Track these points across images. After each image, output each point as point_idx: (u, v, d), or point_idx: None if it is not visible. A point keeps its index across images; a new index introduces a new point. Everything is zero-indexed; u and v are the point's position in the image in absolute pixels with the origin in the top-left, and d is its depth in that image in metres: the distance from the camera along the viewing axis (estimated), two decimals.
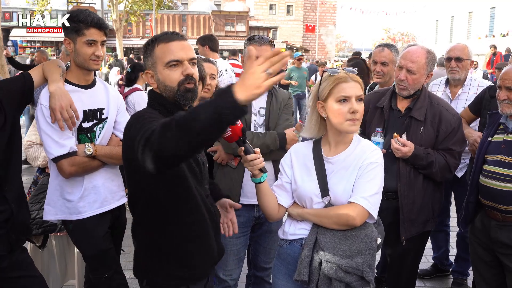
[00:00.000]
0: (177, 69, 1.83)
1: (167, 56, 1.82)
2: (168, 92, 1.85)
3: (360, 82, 1.97)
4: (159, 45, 1.85)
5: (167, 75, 1.83)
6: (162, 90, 1.87)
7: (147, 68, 1.89)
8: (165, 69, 1.83)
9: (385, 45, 3.64)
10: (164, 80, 1.84)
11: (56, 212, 2.50)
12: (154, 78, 1.87)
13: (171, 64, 1.82)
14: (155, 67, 1.85)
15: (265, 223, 2.83)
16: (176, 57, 1.82)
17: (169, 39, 1.84)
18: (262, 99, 2.78)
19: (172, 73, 1.83)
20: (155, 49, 1.85)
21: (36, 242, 3.06)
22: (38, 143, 3.11)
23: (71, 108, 2.32)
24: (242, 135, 1.86)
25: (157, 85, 1.87)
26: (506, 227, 2.50)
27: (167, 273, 1.88)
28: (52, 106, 2.29)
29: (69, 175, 2.40)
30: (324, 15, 47.94)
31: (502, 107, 2.53)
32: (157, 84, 1.87)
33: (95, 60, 2.43)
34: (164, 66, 1.83)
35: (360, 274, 1.91)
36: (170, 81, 1.83)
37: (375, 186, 1.95)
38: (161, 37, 1.86)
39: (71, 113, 2.32)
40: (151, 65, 1.87)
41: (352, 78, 1.94)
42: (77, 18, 2.37)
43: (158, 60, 1.84)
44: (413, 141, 2.65)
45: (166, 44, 1.84)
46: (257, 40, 2.67)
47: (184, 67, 1.83)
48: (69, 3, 29.23)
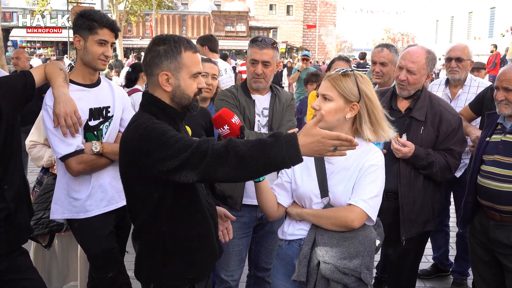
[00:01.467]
0: (196, 80, 1.88)
1: (195, 67, 1.86)
2: (184, 100, 1.86)
3: (336, 82, 1.94)
4: (186, 52, 1.83)
5: (190, 84, 1.85)
6: (177, 96, 1.85)
7: (164, 68, 1.82)
8: (190, 78, 1.85)
9: (384, 45, 3.64)
10: (185, 88, 1.85)
11: (63, 211, 2.52)
12: (170, 82, 1.83)
13: (196, 75, 1.87)
14: (178, 72, 1.82)
15: (267, 223, 2.84)
16: (200, 70, 1.89)
17: (195, 49, 1.87)
18: (266, 99, 2.79)
19: (194, 84, 1.87)
20: (183, 54, 1.82)
21: (42, 241, 3.07)
22: (42, 143, 3.12)
23: (75, 115, 2.34)
24: (240, 133, 1.89)
25: (172, 89, 1.84)
26: (504, 227, 2.51)
27: (175, 275, 1.89)
28: (56, 111, 2.31)
29: (77, 173, 2.42)
30: (324, 15, 47.94)
31: (499, 107, 2.55)
32: (173, 88, 1.84)
33: (103, 60, 2.46)
34: (190, 75, 1.85)
35: (358, 275, 1.91)
36: (190, 91, 1.86)
37: (375, 189, 1.95)
38: (187, 44, 1.85)
39: (75, 120, 2.34)
40: (173, 69, 1.82)
41: (328, 77, 1.98)
42: (91, 16, 2.40)
43: (184, 67, 1.83)
44: (414, 141, 2.66)
45: (194, 54, 1.86)
46: (258, 44, 2.67)
47: (199, 80, 1.89)
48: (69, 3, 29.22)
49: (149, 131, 1.70)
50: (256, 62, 2.67)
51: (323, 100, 1.96)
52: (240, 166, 1.55)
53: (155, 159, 1.66)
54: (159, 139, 1.66)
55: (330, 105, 1.94)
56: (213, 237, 1.98)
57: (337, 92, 1.93)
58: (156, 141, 1.67)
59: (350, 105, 1.95)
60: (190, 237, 1.88)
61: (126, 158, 1.79)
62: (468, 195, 2.67)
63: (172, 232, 1.85)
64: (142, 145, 1.70)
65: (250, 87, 2.78)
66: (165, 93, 1.84)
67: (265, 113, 2.78)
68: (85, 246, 2.63)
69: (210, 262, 1.99)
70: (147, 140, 1.69)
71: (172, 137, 1.66)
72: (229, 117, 1.91)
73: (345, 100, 1.94)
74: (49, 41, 37.92)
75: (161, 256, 1.87)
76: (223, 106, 2.66)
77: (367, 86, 1.97)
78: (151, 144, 1.67)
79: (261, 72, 2.66)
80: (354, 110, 1.96)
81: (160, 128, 1.71)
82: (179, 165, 1.62)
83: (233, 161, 1.55)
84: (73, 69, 2.56)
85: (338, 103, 1.94)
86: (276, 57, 2.70)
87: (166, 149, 1.64)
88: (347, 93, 1.93)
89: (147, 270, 1.91)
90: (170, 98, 1.85)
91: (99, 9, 23.30)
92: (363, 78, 1.98)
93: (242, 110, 2.72)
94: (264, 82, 2.70)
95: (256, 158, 1.54)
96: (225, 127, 1.90)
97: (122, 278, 2.62)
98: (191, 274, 1.91)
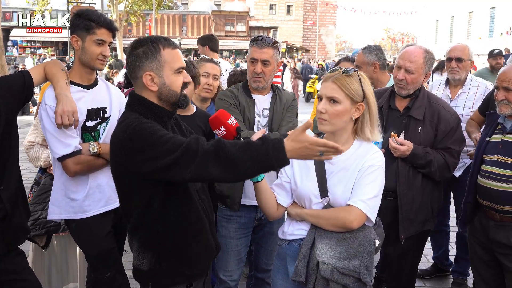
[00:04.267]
0: (180, 75, 1.89)
1: (176, 62, 1.87)
2: (171, 97, 1.88)
3: (342, 83, 1.91)
4: (165, 49, 1.85)
5: (174, 80, 1.87)
6: (164, 94, 1.87)
7: (146, 69, 1.84)
8: (173, 74, 1.87)
9: (362, 48, 3.74)
10: (170, 84, 1.86)
11: (61, 211, 2.52)
12: (155, 81, 1.85)
13: (180, 71, 1.88)
14: (161, 70, 1.84)
15: (266, 224, 2.83)
16: (183, 65, 1.90)
17: (173, 45, 1.88)
18: (266, 100, 2.78)
19: (179, 79, 1.89)
20: (162, 52, 1.84)
21: (39, 242, 3.07)
22: (40, 143, 3.11)
23: (73, 116, 2.34)
24: (236, 135, 1.89)
25: (158, 88, 1.86)
26: (504, 227, 2.51)
27: (172, 273, 1.90)
28: (56, 110, 2.32)
29: (74, 173, 2.43)
30: (324, 15, 47.94)
31: (500, 107, 2.54)
32: (159, 87, 1.86)
33: (101, 60, 2.46)
34: (173, 71, 1.86)
35: (357, 276, 1.91)
36: (176, 87, 1.88)
37: (375, 189, 1.94)
38: (165, 42, 1.86)
39: (72, 121, 2.34)
40: (155, 68, 1.84)
41: (332, 77, 1.94)
42: (89, 16, 2.40)
43: (166, 64, 1.84)
44: (412, 140, 2.66)
45: (173, 50, 1.87)
46: (258, 43, 2.67)
47: (184, 74, 1.92)
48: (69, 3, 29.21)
49: (138, 131, 1.73)
50: (256, 61, 2.66)
51: (329, 102, 1.93)
52: (228, 166, 1.61)
53: (145, 159, 1.68)
54: (149, 139, 1.69)
55: (338, 107, 1.91)
56: (207, 233, 1.99)
57: (344, 94, 1.91)
58: (145, 140, 1.70)
59: (356, 105, 1.94)
60: (184, 234, 1.89)
61: (117, 158, 1.82)
62: (468, 195, 2.67)
63: (165, 230, 1.86)
64: (132, 145, 1.72)
65: (250, 87, 2.77)
66: (152, 93, 1.86)
67: (266, 113, 2.77)
68: (83, 246, 2.63)
69: (206, 259, 2.00)
70: (136, 140, 1.71)
71: (162, 137, 1.69)
72: (225, 118, 1.91)
73: (351, 101, 1.92)
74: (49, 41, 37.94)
75: (157, 254, 1.88)
76: (223, 106, 2.66)
77: (368, 86, 1.96)
78: (141, 143, 1.70)
79: (260, 71, 2.65)
80: (359, 110, 1.95)
81: (150, 127, 1.73)
82: (169, 164, 1.65)
83: (223, 161, 1.60)
84: (70, 69, 2.55)
85: (345, 104, 1.92)
86: (276, 56, 2.69)
87: (156, 148, 1.67)
88: (354, 94, 1.91)
89: (144, 269, 1.92)
90: (157, 97, 1.87)
91: (99, 9, 23.29)
92: (364, 78, 1.98)
93: (242, 110, 2.71)
94: (263, 81, 2.69)
95: (243, 159, 1.59)
96: (221, 129, 1.91)
97: (120, 278, 2.61)
98: (187, 271, 1.92)
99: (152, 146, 1.68)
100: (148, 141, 1.69)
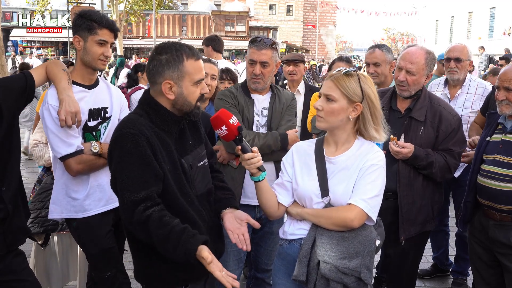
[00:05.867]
0: (199, 87, 1.90)
1: (197, 74, 1.88)
2: (185, 107, 1.89)
3: (339, 81, 1.93)
4: (189, 60, 1.85)
5: (192, 92, 1.89)
6: (179, 103, 1.88)
7: (166, 78, 1.84)
8: (193, 85, 1.88)
9: (376, 46, 3.67)
10: (187, 95, 1.88)
11: (62, 210, 2.54)
12: (173, 90, 1.86)
13: (199, 83, 1.89)
14: (181, 80, 1.85)
15: (266, 224, 2.82)
16: (203, 77, 1.91)
17: (197, 56, 1.88)
18: (265, 99, 2.79)
19: (197, 90, 1.90)
20: (185, 63, 1.84)
21: (38, 240, 3.08)
22: (44, 142, 3.13)
23: (77, 117, 2.36)
24: (238, 134, 1.89)
25: (175, 97, 1.87)
26: (504, 227, 2.51)
27: (169, 276, 1.91)
28: (59, 110, 2.33)
29: (76, 173, 2.45)
30: (324, 15, 47.91)
31: (500, 107, 2.55)
32: (176, 96, 1.87)
33: (103, 60, 2.48)
34: (193, 82, 1.87)
35: (358, 275, 1.91)
36: (193, 98, 1.90)
37: (376, 189, 1.95)
38: (189, 52, 1.86)
39: (75, 121, 2.36)
40: (176, 77, 1.84)
41: (331, 77, 1.97)
42: (91, 17, 2.42)
43: (187, 75, 1.85)
44: (413, 141, 2.66)
45: (196, 62, 1.88)
46: (257, 44, 2.68)
47: (202, 85, 1.92)
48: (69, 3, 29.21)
49: (121, 139, 1.79)
50: (254, 63, 2.67)
51: (325, 100, 1.96)
52: (158, 244, 1.75)
53: (113, 169, 1.81)
54: (123, 156, 1.78)
55: (333, 105, 1.93)
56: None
57: (340, 92, 1.93)
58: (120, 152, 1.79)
59: (353, 105, 1.94)
60: None
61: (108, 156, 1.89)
62: (468, 194, 2.67)
63: None
64: (111, 148, 1.82)
65: (249, 87, 2.78)
66: (167, 100, 1.88)
67: (265, 113, 2.77)
68: (83, 245, 2.64)
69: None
70: (115, 146, 1.80)
71: (133, 165, 1.77)
72: (227, 118, 1.91)
73: (348, 100, 1.93)
74: (49, 41, 37.92)
75: (153, 258, 1.88)
76: (222, 105, 2.67)
77: (369, 86, 1.97)
78: (116, 152, 1.80)
79: (259, 73, 2.66)
80: (357, 111, 1.96)
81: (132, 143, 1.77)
82: (120, 197, 1.81)
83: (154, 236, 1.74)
84: (72, 69, 2.57)
85: (341, 103, 1.93)
86: (275, 57, 2.70)
87: (122, 172, 1.78)
88: (350, 93, 1.92)
89: (143, 272, 1.94)
90: (172, 104, 1.89)
91: (99, 9, 23.28)
92: (366, 78, 1.98)
93: (241, 110, 2.72)
94: (262, 82, 2.71)
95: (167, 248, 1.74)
96: (223, 128, 1.91)
97: (121, 277, 2.63)
98: (183, 275, 1.92)
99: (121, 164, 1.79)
100: (121, 156, 1.79)
